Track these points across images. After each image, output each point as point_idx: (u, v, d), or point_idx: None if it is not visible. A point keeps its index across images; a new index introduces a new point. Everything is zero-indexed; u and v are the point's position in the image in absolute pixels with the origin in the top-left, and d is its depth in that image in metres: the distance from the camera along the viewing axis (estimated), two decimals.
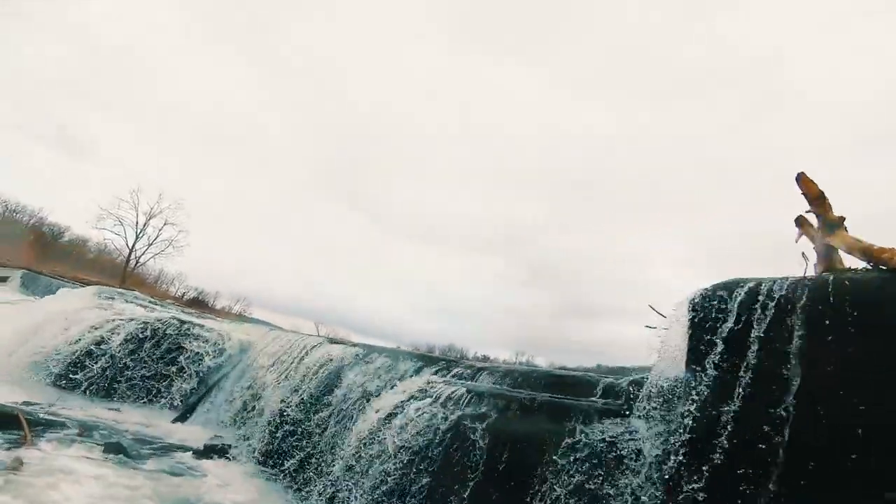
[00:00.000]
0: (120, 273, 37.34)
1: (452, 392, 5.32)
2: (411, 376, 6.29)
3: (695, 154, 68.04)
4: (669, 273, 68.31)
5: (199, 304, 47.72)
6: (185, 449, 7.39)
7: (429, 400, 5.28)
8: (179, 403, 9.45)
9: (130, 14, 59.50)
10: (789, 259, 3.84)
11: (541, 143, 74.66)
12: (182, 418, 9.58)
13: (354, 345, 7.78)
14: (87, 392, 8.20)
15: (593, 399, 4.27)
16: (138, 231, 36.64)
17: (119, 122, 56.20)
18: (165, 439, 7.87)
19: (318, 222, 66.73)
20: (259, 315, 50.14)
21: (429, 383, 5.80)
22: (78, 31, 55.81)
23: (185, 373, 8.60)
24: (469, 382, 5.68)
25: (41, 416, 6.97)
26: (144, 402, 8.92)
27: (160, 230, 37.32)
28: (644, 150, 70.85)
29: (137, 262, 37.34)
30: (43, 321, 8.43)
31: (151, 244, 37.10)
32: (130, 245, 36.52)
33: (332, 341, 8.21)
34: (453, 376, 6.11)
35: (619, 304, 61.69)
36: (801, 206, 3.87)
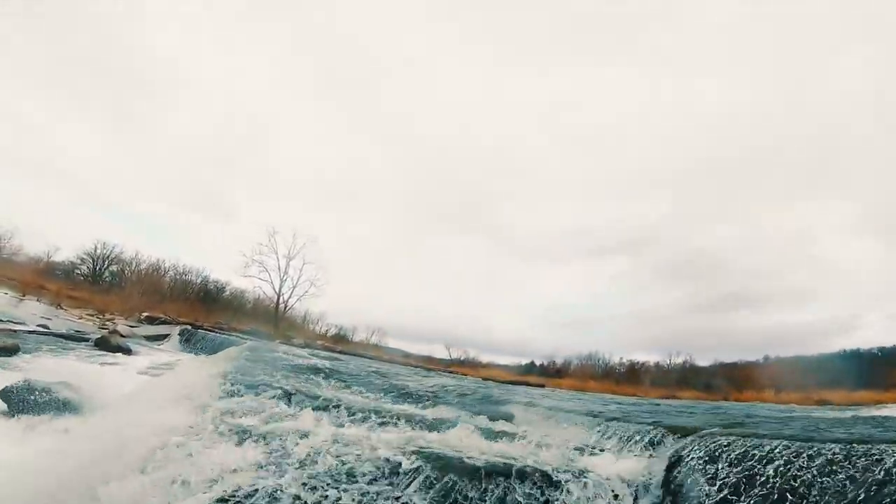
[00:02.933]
0: (273, 318, 36.93)
1: None
2: None
3: (844, 105, 49.62)
4: (838, 243, 52.51)
5: (340, 339, 47.29)
6: None
7: None
8: None
9: (248, 83, 64.88)
10: None
11: (646, 135, 62.42)
12: None
13: None
14: None
15: None
16: (282, 275, 35.90)
17: (252, 185, 60.82)
18: None
19: (437, 251, 63.96)
20: (393, 344, 48.10)
21: None
22: (208, 100, 62.37)
23: None
24: None
25: None
26: None
27: (301, 270, 36.20)
28: (777, 115, 54.33)
29: (286, 306, 36.45)
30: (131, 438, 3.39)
31: (296, 286, 36.06)
32: (277, 289, 35.88)
33: None
34: None
35: (779, 289, 49.75)
36: None
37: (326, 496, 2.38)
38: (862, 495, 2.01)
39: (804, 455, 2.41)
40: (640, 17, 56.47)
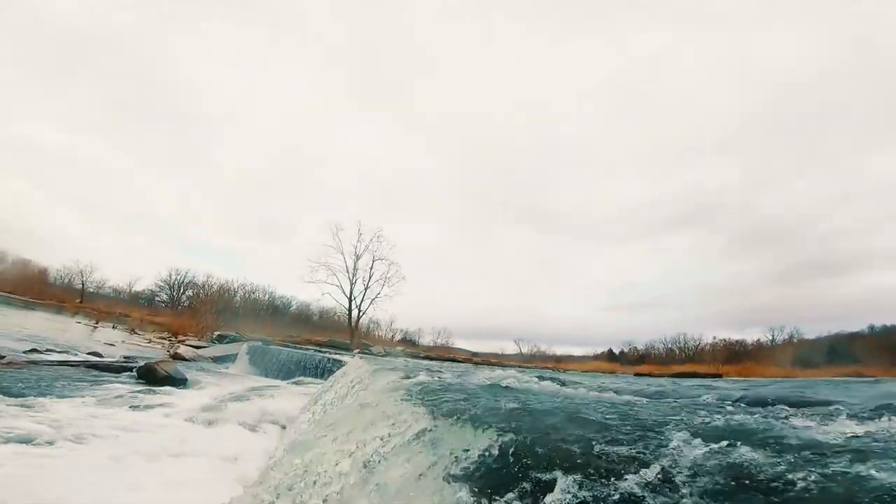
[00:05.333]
0: (344, 328, 34.00)
1: None
2: None
3: None
4: None
5: (407, 343, 44.45)
6: None
7: None
8: None
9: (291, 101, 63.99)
10: None
11: (705, 98, 53.82)
12: None
13: None
14: None
15: None
16: (351, 276, 32.76)
17: (308, 200, 59.98)
18: None
19: (495, 245, 59.61)
20: (460, 344, 45.05)
21: None
22: (254, 129, 62.17)
23: None
24: None
25: None
26: None
27: (371, 269, 32.88)
28: (846, 63, 44.43)
29: (360, 311, 33.18)
30: None
31: (367, 287, 32.73)
32: (348, 292, 32.75)
33: None
34: None
35: (871, 250, 42.38)
36: None
37: None
38: None
39: None
40: None
